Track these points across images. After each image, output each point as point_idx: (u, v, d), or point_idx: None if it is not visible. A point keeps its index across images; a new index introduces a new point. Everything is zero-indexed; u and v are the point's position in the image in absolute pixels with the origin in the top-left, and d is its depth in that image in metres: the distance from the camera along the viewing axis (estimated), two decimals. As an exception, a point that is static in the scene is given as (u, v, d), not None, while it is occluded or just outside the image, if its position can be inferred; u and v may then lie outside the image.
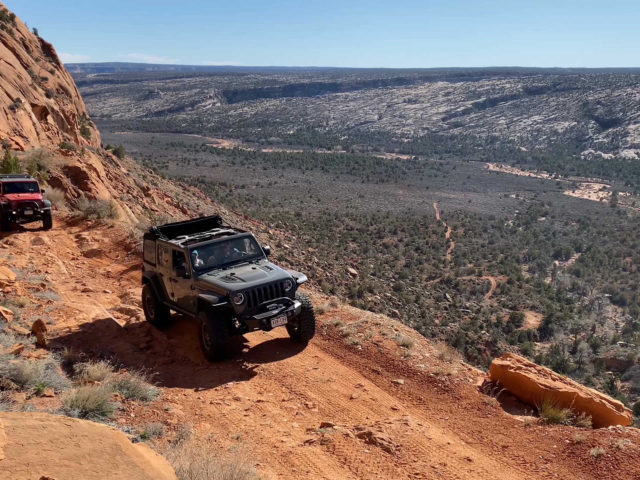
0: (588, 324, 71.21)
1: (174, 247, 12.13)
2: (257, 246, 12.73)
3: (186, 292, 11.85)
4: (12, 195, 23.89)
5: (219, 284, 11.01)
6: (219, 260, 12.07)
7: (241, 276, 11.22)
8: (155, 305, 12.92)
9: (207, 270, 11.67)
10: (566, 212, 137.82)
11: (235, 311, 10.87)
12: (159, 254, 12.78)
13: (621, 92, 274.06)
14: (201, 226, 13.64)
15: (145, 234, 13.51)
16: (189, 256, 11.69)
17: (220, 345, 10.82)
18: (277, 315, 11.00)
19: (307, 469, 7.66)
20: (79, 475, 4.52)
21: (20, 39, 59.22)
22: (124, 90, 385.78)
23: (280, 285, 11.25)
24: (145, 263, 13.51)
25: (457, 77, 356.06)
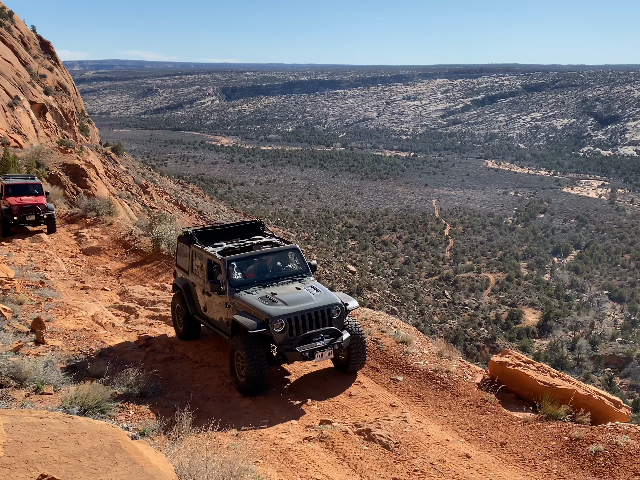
0: (587, 321, 71.26)
1: (210, 256, 10.74)
2: (303, 261, 11.06)
3: (220, 310, 10.49)
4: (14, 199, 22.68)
5: (257, 305, 9.56)
6: (259, 276, 10.60)
7: (283, 298, 9.71)
8: (185, 317, 11.69)
9: (245, 286, 10.21)
10: (565, 209, 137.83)
11: (274, 339, 9.43)
12: (192, 261, 11.44)
13: (620, 89, 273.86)
14: (241, 232, 12.27)
15: (179, 237, 12.20)
16: (226, 269, 10.23)
17: (257, 378, 9.35)
18: (323, 348, 9.48)
19: (306, 465, 7.67)
20: (78, 472, 4.52)
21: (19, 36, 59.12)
22: (122, 87, 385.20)
23: (328, 313, 9.68)
24: (177, 268, 12.22)
25: (456, 74, 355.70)
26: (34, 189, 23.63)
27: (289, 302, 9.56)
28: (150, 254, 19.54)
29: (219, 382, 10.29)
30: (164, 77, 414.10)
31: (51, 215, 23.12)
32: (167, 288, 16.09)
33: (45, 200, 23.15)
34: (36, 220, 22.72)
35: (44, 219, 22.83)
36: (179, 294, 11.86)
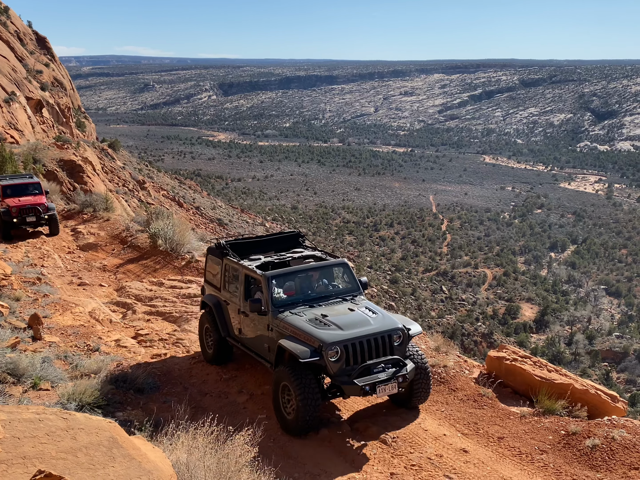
0: (584, 316, 71.39)
1: (248, 272, 9.53)
2: (353, 277, 9.74)
3: (260, 332, 9.27)
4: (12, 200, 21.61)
5: (307, 329, 8.31)
6: (304, 294, 9.35)
7: (336, 320, 8.47)
8: (216, 340, 10.40)
9: (290, 306, 8.99)
10: (562, 204, 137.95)
11: (327, 370, 8.14)
12: (225, 276, 10.21)
13: (617, 84, 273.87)
14: (278, 244, 11.12)
15: (209, 249, 10.95)
16: (268, 286, 9.02)
17: (309, 415, 8.01)
18: (385, 381, 8.10)
19: (305, 460, 7.69)
20: (75, 468, 4.52)
21: (15, 31, 58.87)
22: (119, 83, 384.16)
23: (389, 339, 8.38)
24: (206, 284, 11.00)
25: (453, 69, 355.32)
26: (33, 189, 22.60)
27: (343, 326, 8.29)
28: (147, 250, 19.52)
29: (217, 378, 10.30)
30: (160, 73, 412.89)
31: (53, 216, 22.05)
32: (164, 284, 16.08)
33: (45, 200, 22.17)
34: (37, 222, 21.74)
35: (45, 219, 21.76)
36: (208, 312, 10.62)
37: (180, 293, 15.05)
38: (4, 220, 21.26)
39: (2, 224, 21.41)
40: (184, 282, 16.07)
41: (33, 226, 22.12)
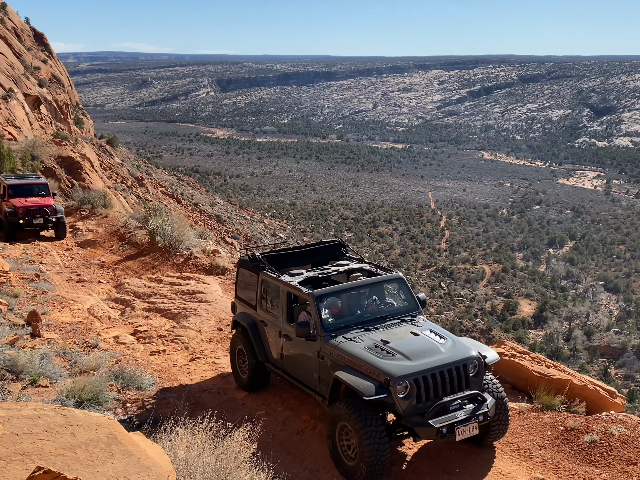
0: (582, 312, 71.49)
1: (291, 289, 8.41)
2: (410, 294, 8.59)
3: (307, 360, 8.11)
4: (19, 201, 20.71)
5: (370, 360, 7.14)
6: (356, 315, 8.19)
7: (400, 348, 7.32)
8: (252, 365, 9.25)
9: (343, 330, 7.82)
10: (560, 200, 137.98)
11: (395, 408, 6.98)
12: (262, 294, 9.09)
13: (615, 80, 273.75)
14: (318, 255, 9.99)
15: (241, 261, 9.73)
16: (317, 307, 7.88)
17: (377, 462, 6.84)
18: (465, 421, 6.96)
19: (304, 456, 7.71)
20: (74, 464, 4.53)
21: (12, 28, 58.70)
22: (117, 79, 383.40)
23: (464, 370, 7.24)
24: (238, 301, 9.87)
25: (452, 65, 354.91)
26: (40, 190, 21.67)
27: (411, 355, 7.17)
28: (145, 247, 19.52)
29: (215, 374, 10.30)
30: (158, 69, 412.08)
31: (61, 219, 21.12)
32: (162, 281, 16.07)
33: (53, 202, 21.30)
34: (44, 224, 20.84)
35: (52, 222, 20.90)
36: (242, 333, 9.47)
37: (179, 290, 15.05)
38: (9, 221, 20.43)
39: (7, 225, 20.60)
40: (182, 278, 16.07)
41: (40, 229, 21.31)
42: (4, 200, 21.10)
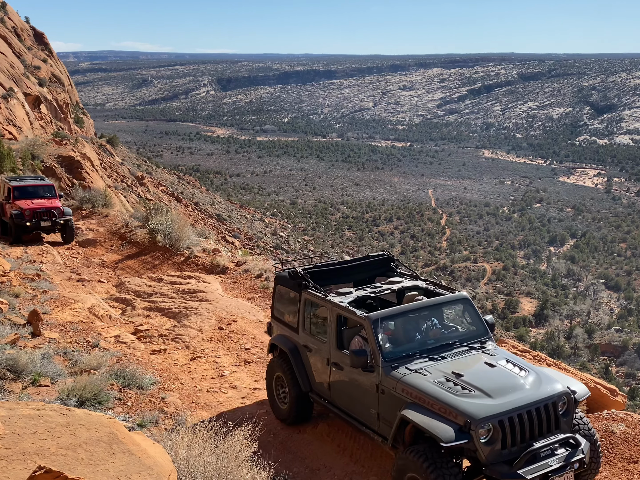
0: (583, 310, 71.51)
1: (343, 312, 7.42)
2: (477, 316, 7.62)
3: (363, 394, 7.10)
4: (25, 202, 20.09)
5: (443, 398, 6.13)
6: (418, 342, 7.25)
7: (477, 382, 6.31)
8: (294, 396, 8.23)
9: (405, 359, 6.84)
10: (561, 198, 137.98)
11: (477, 455, 5.98)
12: (305, 315, 8.10)
13: (616, 78, 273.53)
14: (366, 270, 9.05)
15: (278, 277, 8.76)
16: (374, 333, 6.90)
17: None
18: (559, 470, 6.00)
19: (305, 455, 7.71)
20: (75, 463, 4.53)
21: (12, 27, 58.70)
22: (117, 78, 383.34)
23: (553, 408, 6.23)
24: (275, 321, 8.89)
25: (452, 63, 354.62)
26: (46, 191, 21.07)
27: (491, 392, 6.16)
28: (146, 246, 19.53)
29: (216, 374, 10.31)
30: (158, 68, 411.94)
31: (69, 222, 20.47)
32: (163, 280, 16.07)
33: (60, 204, 20.77)
34: (52, 227, 20.19)
35: (60, 224, 20.28)
36: (281, 359, 8.49)
37: (180, 289, 15.05)
38: (15, 223, 19.84)
39: (13, 227, 20.04)
40: (183, 277, 16.07)
41: (46, 231, 20.69)
42: (8, 203, 20.60)
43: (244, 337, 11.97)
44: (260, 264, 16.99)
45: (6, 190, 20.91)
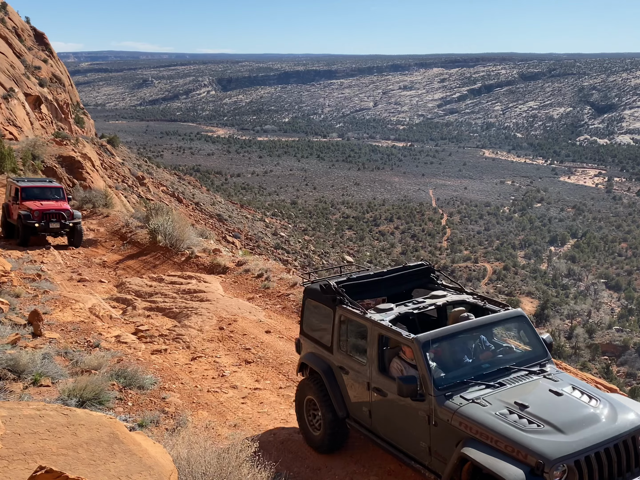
0: (584, 310, 71.50)
1: (385, 332, 6.65)
2: (534, 336, 6.87)
3: (411, 425, 6.33)
4: (34, 204, 19.75)
5: (510, 434, 5.43)
6: (471, 366, 6.48)
7: (545, 415, 5.61)
8: (328, 422, 7.43)
9: (459, 387, 6.07)
10: (562, 198, 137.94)
11: None
12: (340, 333, 7.32)
13: (617, 78, 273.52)
14: (403, 281, 8.20)
15: (308, 291, 7.93)
16: (424, 357, 6.14)
17: None
18: None
19: (305, 455, 7.71)
20: (76, 463, 4.53)
21: (13, 27, 58.77)
22: (117, 79, 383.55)
23: (633, 443, 5.56)
24: (305, 338, 8.05)
25: (452, 63, 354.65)
26: (54, 193, 20.77)
27: (563, 427, 5.46)
28: (147, 246, 19.55)
29: (217, 374, 10.31)
30: (159, 68, 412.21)
31: (78, 225, 20.08)
32: (164, 280, 16.07)
33: (69, 206, 20.49)
34: (60, 229, 19.87)
35: (69, 227, 19.92)
36: (312, 380, 7.68)
37: (180, 289, 15.05)
38: (24, 224, 19.38)
39: (21, 228, 19.59)
40: (183, 277, 16.08)
41: (55, 234, 20.29)
42: (16, 203, 20.20)
43: (245, 337, 11.98)
44: (260, 264, 17.00)
45: (13, 191, 20.54)
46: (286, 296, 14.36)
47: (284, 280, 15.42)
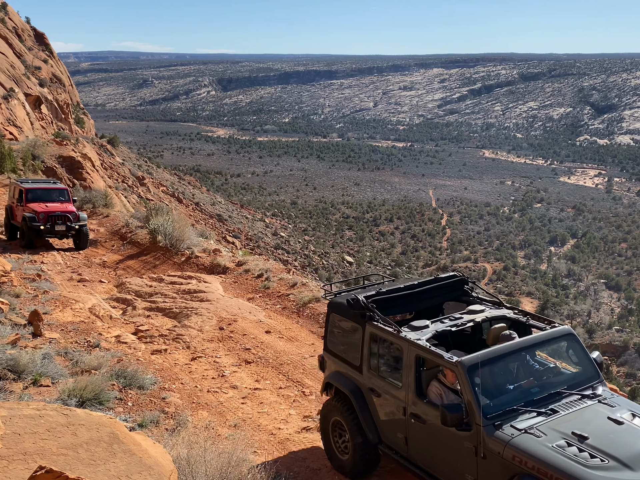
0: (584, 310, 71.53)
1: (424, 353, 6.07)
2: (585, 355, 6.27)
3: (455, 456, 5.77)
4: (39, 205, 19.30)
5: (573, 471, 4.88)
6: (519, 391, 5.88)
7: (608, 448, 5.08)
8: (357, 446, 6.85)
9: (508, 415, 5.52)
10: (562, 198, 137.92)
11: None
12: (371, 352, 6.75)
13: (616, 78, 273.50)
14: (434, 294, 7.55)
15: (333, 305, 7.38)
16: (470, 383, 5.57)
17: None
18: None
19: (305, 455, 7.71)
20: (76, 463, 4.53)
21: (13, 27, 58.76)
22: (117, 79, 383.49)
23: None
24: (329, 355, 7.50)
25: (453, 63, 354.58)
26: (59, 195, 20.34)
27: (629, 461, 4.93)
28: (147, 246, 19.54)
29: (217, 374, 10.31)
30: (159, 69, 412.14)
31: (84, 228, 19.67)
32: (164, 280, 16.07)
33: (75, 208, 20.07)
34: (66, 232, 19.45)
35: (75, 230, 19.48)
36: (340, 401, 7.14)
37: (180, 289, 15.06)
38: (29, 226, 18.93)
39: (26, 230, 19.12)
40: (183, 277, 16.08)
41: (60, 237, 19.97)
42: (20, 205, 19.73)
43: (245, 337, 11.98)
44: (260, 264, 16.99)
45: (17, 192, 20.12)
46: (286, 296, 14.36)
47: (284, 280, 15.41)
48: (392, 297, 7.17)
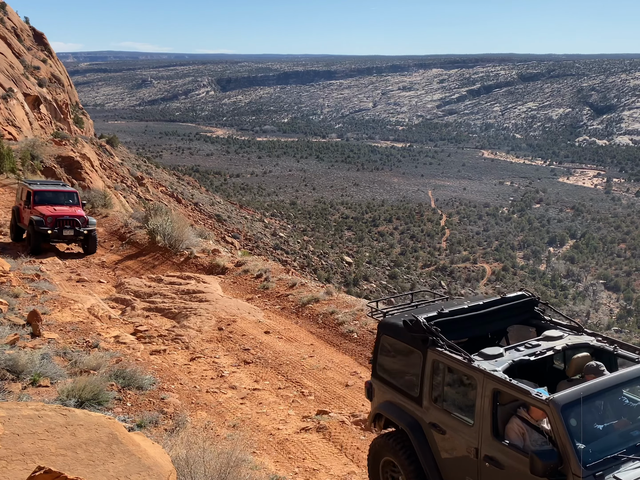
0: (583, 310, 71.57)
1: (506, 388, 5.25)
2: None
3: None
4: (47, 209, 18.66)
5: None
6: (618, 434, 5.13)
7: None
8: None
9: (609, 464, 4.74)
10: (561, 198, 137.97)
11: None
12: (434, 382, 5.95)
13: (615, 79, 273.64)
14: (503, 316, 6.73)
15: (384, 325, 6.62)
16: (565, 425, 4.78)
17: None
18: None
19: (304, 455, 7.71)
20: (75, 464, 4.53)
21: (12, 27, 58.71)
22: (117, 79, 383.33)
23: None
24: (378, 382, 6.70)
25: (452, 64, 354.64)
26: (68, 198, 19.67)
27: None
28: (146, 246, 19.53)
29: (215, 375, 10.31)
30: (158, 69, 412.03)
31: (92, 232, 19.08)
32: (163, 280, 16.07)
33: (84, 212, 19.53)
34: (74, 237, 18.82)
35: (83, 235, 18.82)
36: (394, 438, 6.30)
37: (179, 289, 15.05)
38: (35, 231, 18.34)
39: (33, 235, 18.54)
40: (182, 278, 16.08)
41: (68, 242, 19.39)
42: (27, 207, 19.10)
43: (244, 337, 11.97)
44: (259, 265, 17.00)
45: (25, 194, 19.52)
46: (285, 297, 14.36)
47: (283, 280, 15.42)
48: (456, 319, 6.32)
